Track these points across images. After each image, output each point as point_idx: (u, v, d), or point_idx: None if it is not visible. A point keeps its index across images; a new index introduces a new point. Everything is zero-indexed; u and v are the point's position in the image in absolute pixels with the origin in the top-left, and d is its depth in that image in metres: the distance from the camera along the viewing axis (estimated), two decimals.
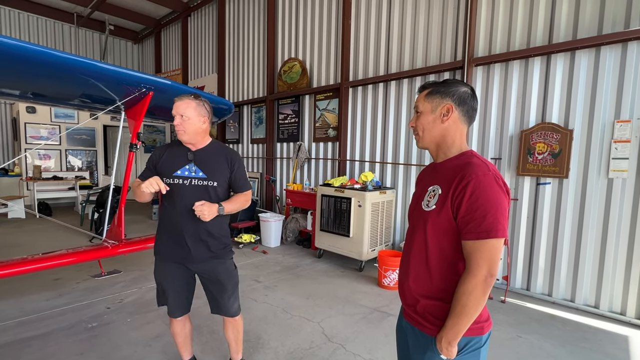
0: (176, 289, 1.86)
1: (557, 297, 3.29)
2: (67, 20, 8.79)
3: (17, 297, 3.20)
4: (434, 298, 1.09)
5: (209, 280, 1.86)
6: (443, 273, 1.08)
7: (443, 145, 1.15)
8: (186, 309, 1.94)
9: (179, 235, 1.77)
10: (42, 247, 4.71)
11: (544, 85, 3.32)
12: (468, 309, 0.99)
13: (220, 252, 1.84)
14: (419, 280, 1.13)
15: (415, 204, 1.20)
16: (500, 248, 1.01)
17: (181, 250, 1.78)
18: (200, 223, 1.74)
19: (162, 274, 1.86)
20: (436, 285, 1.09)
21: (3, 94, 2.63)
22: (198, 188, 1.74)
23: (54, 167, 8.04)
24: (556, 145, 3.20)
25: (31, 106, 7.50)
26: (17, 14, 8.30)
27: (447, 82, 1.15)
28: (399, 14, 4.38)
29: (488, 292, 1.00)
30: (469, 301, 0.99)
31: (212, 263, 1.83)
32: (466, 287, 1.00)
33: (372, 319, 2.91)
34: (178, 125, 1.70)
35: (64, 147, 8.19)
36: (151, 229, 6.20)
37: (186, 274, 1.86)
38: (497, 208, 0.99)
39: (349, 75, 4.92)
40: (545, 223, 3.34)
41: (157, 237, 1.87)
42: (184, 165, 1.75)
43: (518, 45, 3.43)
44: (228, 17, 7.05)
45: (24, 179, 7.36)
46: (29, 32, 8.49)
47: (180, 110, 1.70)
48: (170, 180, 1.74)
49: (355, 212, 4.06)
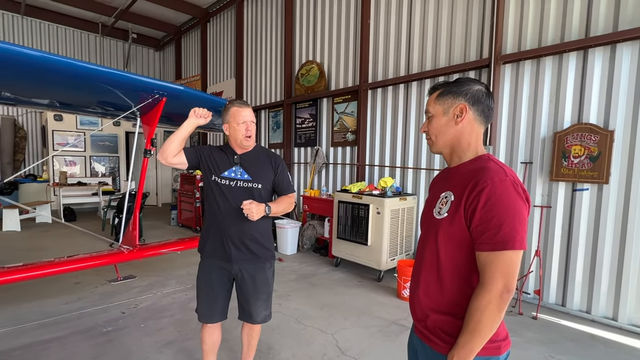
0: (214, 293, 1.91)
1: (597, 315, 3.08)
2: (93, 30, 9.36)
3: (40, 299, 3.39)
4: (446, 313, 1.05)
5: (245, 283, 1.89)
6: (455, 286, 1.04)
7: (457, 148, 1.12)
8: (222, 315, 1.97)
9: (222, 235, 1.84)
10: (64, 251, 4.97)
11: (580, 83, 3.16)
12: (482, 326, 0.94)
13: (261, 256, 1.90)
14: (430, 293, 1.09)
15: (427, 211, 1.16)
16: (518, 261, 0.96)
17: (223, 250, 1.85)
18: (245, 224, 1.81)
19: (203, 275, 1.93)
20: (448, 298, 1.05)
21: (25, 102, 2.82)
22: (243, 190, 1.83)
23: (79, 173, 8.51)
24: (594, 147, 3.02)
25: (58, 114, 7.99)
26: (47, 26, 8.94)
27: (459, 81, 1.11)
28: (420, 10, 4.32)
29: (504, 309, 0.95)
30: (482, 317, 0.94)
31: (252, 266, 1.88)
32: (480, 303, 0.95)
33: (390, 332, 2.84)
34: (249, 131, 1.82)
35: (88, 154, 8.66)
36: (170, 235, 6.41)
37: (225, 278, 1.91)
38: (514, 216, 0.95)
39: (367, 77, 4.90)
40: (582, 233, 3.15)
41: (203, 235, 1.96)
42: (230, 167, 1.85)
43: (551, 39, 3.29)
44: (246, 21, 7.24)
45: (51, 185, 7.83)
46: (58, 42, 9.11)
47: (249, 117, 1.83)
48: (218, 179, 1.84)
49: (373, 219, 4.00)
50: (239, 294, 1.96)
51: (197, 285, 1.96)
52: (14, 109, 8.75)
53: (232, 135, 1.85)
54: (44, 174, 8.44)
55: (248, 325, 2.03)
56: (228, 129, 1.86)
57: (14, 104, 3.25)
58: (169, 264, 4.47)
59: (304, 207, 5.37)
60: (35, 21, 8.73)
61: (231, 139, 1.88)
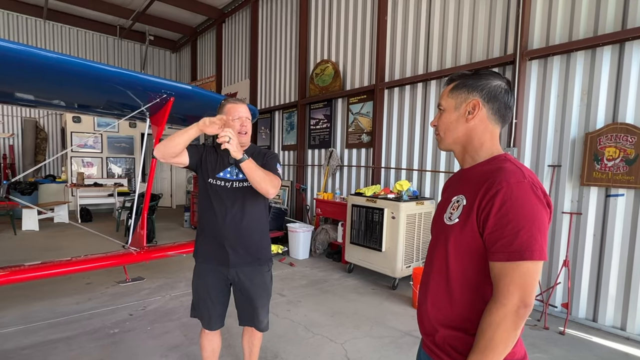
0: (212, 299, 1.89)
1: (633, 332, 2.88)
2: (111, 32, 9.72)
3: (52, 298, 3.50)
4: (456, 328, 0.98)
5: (243, 288, 1.88)
6: (466, 299, 0.97)
7: (469, 147, 1.05)
8: (221, 321, 1.96)
9: (219, 238, 1.81)
10: (78, 251, 5.12)
11: (615, 79, 2.98)
12: (495, 344, 0.87)
13: (259, 259, 1.88)
14: (438, 305, 1.02)
15: (438, 216, 1.10)
16: (537, 273, 0.88)
17: (220, 253, 1.83)
18: (243, 226, 1.80)
19: (200, 281, 1.90)
20: (458, 312, 0.98)
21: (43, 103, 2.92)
22: (238, 190, 1.81)
23: (96, 174, 8.80)
24: (631, 149, 2.84)
25: (77, 116, 8.31)
26: (68, 30, 9.34)
27: (479, 73, 1.04)
28: (440, 4, 4.22)
29: (520, 325, 0.87)
30: (495, 335, 0.87)
31: (250, 270, 1.86)
32: (493, 318, 0.88)
33: (403, 343, 2.75)
34: (244, 127, 1.79)
35: (105, 155, 8.95)
36: (183, 236, 6.50)
37: (223, 282, 1.89)
38: (533, 223, 0.87)
39: (384, 76, 4.83)
40: (617, 242, 2.96)
41: (197, 240, 1.93)
42: (226, 168, 1.83)
43: (583, 33, 3.12)
44: (261, 21, 7.31)
45: (69, 186, 8.13)
46: (78, 46, 9.49)
47: (244, 113, 1.80)
48: (213, 181, 1.82)
49: (388, 224, 3.91)
50: (237, 299, 1.93)
51: (194, 291, 1.94)
52: (36, 112, 9.16)
53: None
54: (63, 175, 8.78)
55: (249, 331, 2.01)
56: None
57: (34, 106, 3.38)
58: (179, 266, 4.53)
59: (317, 210, 5.33)
60: (56, 25, 9.14)
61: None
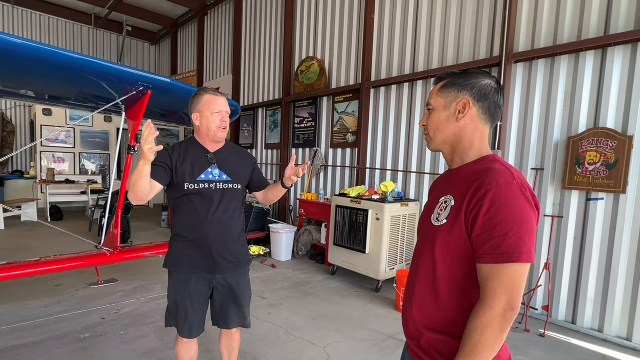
0: (195, 307, 1.80)
1: (610, 334, 2.98)
2: (86, 21, 9.37)
3: (17, 301, 3.33)
4: (441, 332, 0.98)
5: (230, 291, 1.84)
6: (453, 302, 0.97)
7: (459, 147, 1.05)
8: (203, 327, 1.89)
9: (204, 244, 1.72)
10: (48, 252, 4.90)
11: (597, 84, 3.08)
12: (481, 348, 0.87)
13: (243, 261, 1.86)
14: (424, 308, 1.02)
15: (425, 216, 1.10)
16: (524, 275, 0.89)
17: (205, 260, 1.74)
18: (227, 230, 1.75)
19: (181, 290, 1.78)
20: (444, 316, 0.98)
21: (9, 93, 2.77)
22: (223, 192, 1.75)
23: (68, 170, 8.47)
24: (611, 154, 2.94)
25: (47, 108, 7.97)
26: (39, 17, 8.95)
27: (468, 72, 1.04)
28: (428, 4, 4.26)
29: (507, 330, 0.88)
30: (482, 339, 0.87)
31: (236, 273, 1.84)
32: (479, 322, 0.88)
33: (386, 347, 2.76)
34: (224, 122, 1.71)
35: (77, 151, 8.62)
36: (160, 237, 6.33)
37: (206, 288, 1.81)
38: (521, 224, 0.87)
39: (370, 75, 4.85)
40: (596, 246, 3.06)
41: (173, 248, 1.80)
42: (207, 169, 1.73)
43: (567, 37, 3.22)
44: (245, 14, 7.22)
45: (38, 182, 7.80)
46: (49, 34, 9.12)
47: (224, 107, 1.71)
48: (194, 185, 1.71)
49: (372, 225, 3.92)
50: (222, 302, 1.87)
51: (171, 301, 1.82)
52: (3, 103, 8.74)
53: (204, 126, 1.70)
54: (31, 171, 8.41)
55: (227, 335, 1.97)
56: (199, 119, 1.70)
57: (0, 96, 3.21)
58: (155, 268, 4.40)
59: (300, 211, 5.30)
60: (26, 11, 8.75)
61: (202, 130, 1.73)
